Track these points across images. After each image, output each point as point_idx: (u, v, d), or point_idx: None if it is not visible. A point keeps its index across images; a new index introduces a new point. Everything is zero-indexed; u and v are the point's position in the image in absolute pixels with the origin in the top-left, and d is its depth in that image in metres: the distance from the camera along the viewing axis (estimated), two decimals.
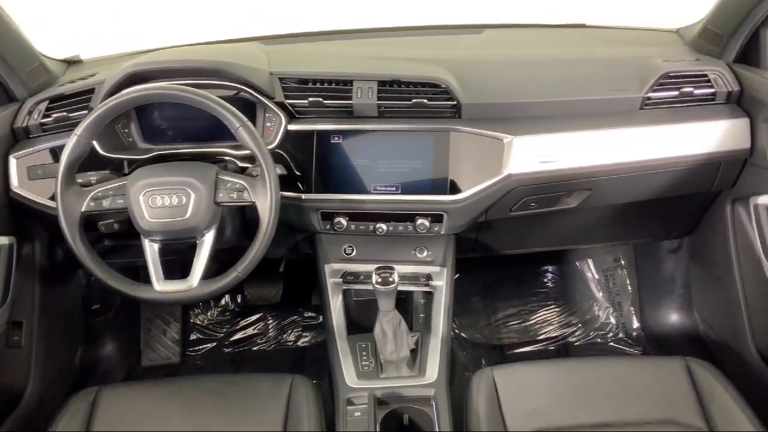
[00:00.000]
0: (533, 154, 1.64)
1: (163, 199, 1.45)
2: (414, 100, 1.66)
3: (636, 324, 2.54)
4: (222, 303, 2.70)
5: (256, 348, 2.59)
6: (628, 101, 1.72)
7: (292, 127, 1.67)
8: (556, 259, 2.73)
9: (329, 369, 1.80)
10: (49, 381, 1.95)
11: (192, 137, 1.72)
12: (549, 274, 2.74)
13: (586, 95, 1.72)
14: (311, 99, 1.67)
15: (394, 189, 1.67)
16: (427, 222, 1.70)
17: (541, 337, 2.56)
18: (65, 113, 1.71)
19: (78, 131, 1.44)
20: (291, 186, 1.68)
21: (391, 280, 1.60)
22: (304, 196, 1.68)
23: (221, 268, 1.52)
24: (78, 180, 1.51)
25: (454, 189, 1.65)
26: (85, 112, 1.68)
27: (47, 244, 1.94)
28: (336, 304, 1.84)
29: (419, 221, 1.70)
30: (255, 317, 2.66)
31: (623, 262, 2.64)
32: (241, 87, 1.65)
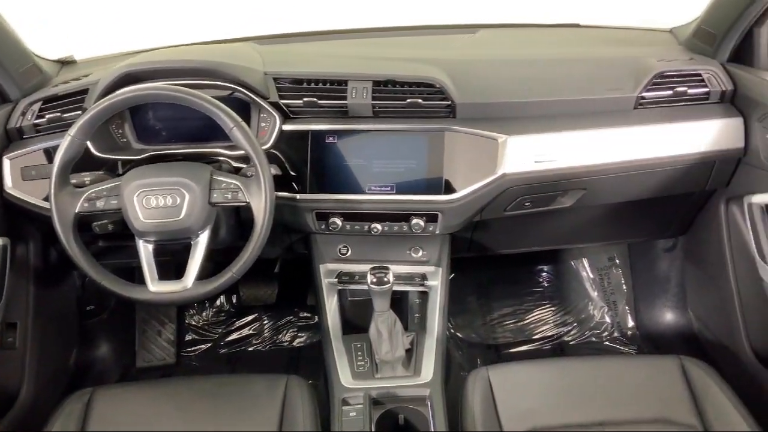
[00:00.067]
0: (528, 153, 1.64)
1: (158, 200, 1.44)
2: (409, 100, 1.66)
3: (631, 323, 2.55)
4: (217, 304, 2.69)
5: (251, 348, 2.59)
6: (622, 101, 1.73)
7: (286, 127, 1.67)
8: (551, 259, 2.73)
9: (324, 369, 1.80)
10: (44, 382, 1.94)
11: (186, 137, 1.71)
12: (544, 273, 2.74)
13: (580, 95, 1.72)
14: (306, 99, 1.67)
15: (388, 189, 1.67)
16: (422, 222, 1.70)
17: (537, 337, 2.57)
18: (59, 114, 1.71)
19: (72, 132, 1.43)
20: (286, 186, 1.68)
21: (386, 280, 1.60)
22: (298, 196, 1.68)
23: (216, 268, 1.51)
24: (72, 181, 1.50)
25: (448, 189, 1.65)
26: (79, 112, 1.68)
27: (41, 245, 1.94)
28: (331, 304, 1.84)
29: (414, 221, 1.70)
30: (250, 318, 2.66)
31: (618, 261, 2.64)
32: (236, 87, 1.65)
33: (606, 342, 2.53)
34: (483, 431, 1.49)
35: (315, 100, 1.66)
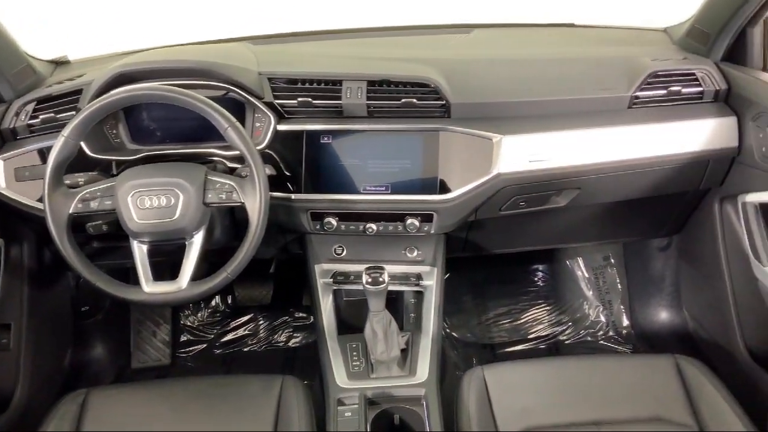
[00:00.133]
0: (522, 153, 1.64)
1: (152, 200, 1.44)
2: (403, 99, 1.66)
3: (626, 322, 2.55)
4: (212, 304, 2.69)
5: (246, 349, 2.58)
6: (616, 100, 1.73)
7: (281, 128, 1.67)
8: (546, 258, 2.73)
9: (320, 369, 1.80)
10: (38, 384, 1.93)
11: (181, 138, 1.71)
12: (539, 272, 2.74)
13: (574, 94, 1.73)
14: (300, 99, 1.66)
15: (383, 189, 1.67)
16: (417, 222, 1.70)
17: (532, 336, 2.57)
18: (53, 114, 1.70)
19: (65, 132, 1.43)
20: (280, 186, 1.67)
21: (382, 280, 1.60)
22: (293, 196, 1.68)
23: (211, 269, 1.51)
24: (66, 181, 1.50)
25: (443, 188, 1.65)
26: (73, 113, 1.67)
27: (35, 245, 1.93)
28: (326, 304, 1.84)
29: (409, 221, 1.70)
30: (245, 318, 2.65)
31: (613, 260, 2.65)
32: (230, 87, 1.65)
33: (601, 341, 2.53)
34: (478, 431, 1.49)
35: (310, 100, 1.66)
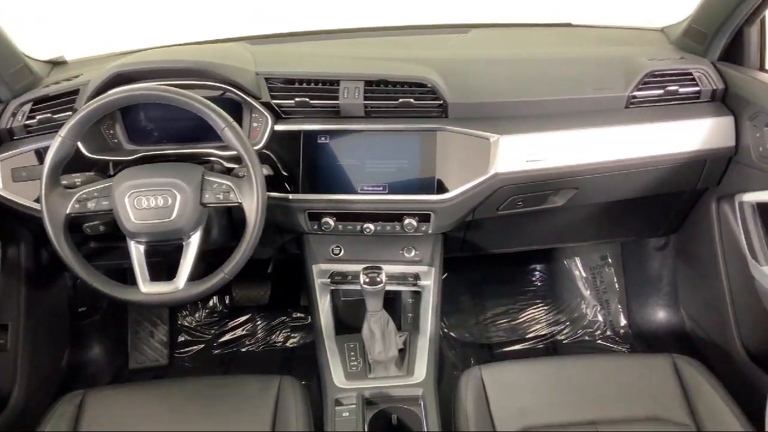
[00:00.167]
0: (520, 153, 1.64)
1: (149, 201, 1.44)
2: (400, 99, 1.66)
3: (623, 321, 2.56)
4: (210, 304, 2.68)
5: (244, 349, 2.58)
6: (613, 100, 1.73)
7: (278, 128, 1.67)
8: (543, 258, 2.73)
9: (318, 369, 1.80)
10: (36, 384, 1.93)
11: (178, 138, 1.70)
12: (537, 272, 2.74)
13: (572, 94, 1.73)
14: (298, 99, 1.66)
15: (381, 189, 1.67)
16: (415, 222, 1.70)
17: (530, 336, 2.57)
18: (49, 115, 1.70)
19: (62, 132, 1.43)
20: (278, 186, 1.67)
21: (379, 280, 1.60)
22: (291, 196, 1.68)
23: (208, 269, 1.51)
24: (63, 182, 1.50)
25: (441, 188, 1.65)
26: (70, 113, 1.67)
27: (32, 246, 1.93)
28: (324, 304, 1.83)
29: (407, 221, 1.70)
30: (243, 318, 2.65)
31: (610, 260, 2.65)
32: (227, 87, 1.64)
33: (599, 341, 2.53)
34: (476, 431, 1.49)
35: (307, 100, 1.66)
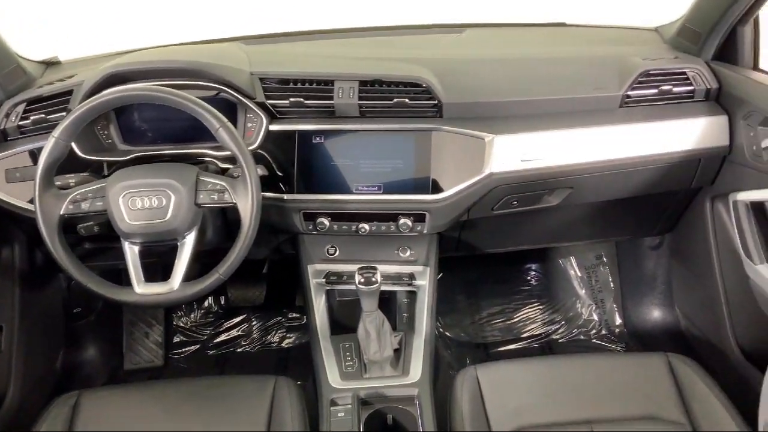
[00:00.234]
0: (514, 152, 1.65)
1: (143, 201, 1.44)
2: (395, 99, 1.66)
3: (618, 320, 2.56)
4: (205, 305, 2.68)
5: (240, 350, 2.58)
6: (607, 99, 1.73)
7: (273, 128, 1.67)
8: (538, 257, 2.74)
9: (313, 370, 1.79)
10: (30, 386, 1.93)
11: (172, 138, 1.70)
12: (532, 272, 2.75)
13: (566, 94, 1.73)
14: (292, 99, 1.66)
15: (376, 189, 1.67)
16: (410, 221, 1.70)
17: (525, 335, 2.57)
18: (43, 115, 1.69)
19: (56, 133, 1.42)
20: (273, 187, 1.67)
21: (374, 280, 1.60)
22: (286, 196, 1.68)
23: (203, 269, 1.51)
24: (57, 182, 1.49)
25: (436, 188, 1.65)
26: (64, 114, 1.66)
27: (27, 247, 1.92)
28: (319, 304, 1.83)
29: (402, 221, 1.70)
30: (239, 319, 2.65)
31: (605, 259, 2.65)
32: (222, 87, 1.64)
33: (594, 340, 2.54)
34: (471, 431, 1.49)
35: (302, 100, 1.66)
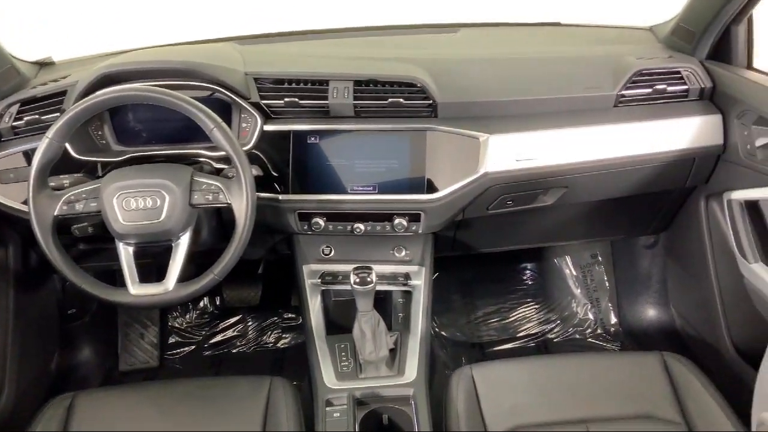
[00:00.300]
0: (509, 152, 1.65)
1: (137, 202, 1.43)
2: (390, 99, 1.66)
3: (614, 319, 2.56)
4: (200, 305, 2.67)
5: (235, 350, 2.57)
6: (602, 99, 1.74)
7: (268, 128, 1.67)
8: (534, 257, 2.74)
9: (308, 370, 1.79)
10: (25, 387, 1.92)
11: (166, 139, 1.70)
12: (527, 271, 2.75)
13: (561, 93, 1.73)
14: (287, 99, 1.66)
15: (371, 189, 1.67)
16: (405, 221, 1.70)
17: (521, 334, 2.57)
18: (37, 116, 1.68)
19: (50, 134, 1.42)
20: (268, 187, 1.67)
21: (369, 280, 1.59)
22: (281, 197, 1.68)
23: (198, 270, 1.51)
24: (51, 183, 1.49)
25: (431, 188, 1.65)
26: (58, 114, 1.66)
27: (21, 248, 1.91)
28: (315, 304, 1.83)
29: (397, 221, 1.70)
30: (234, 319, 2.64)
31: (600, 258, 2.65)
32: (216, 87, 1.64)
33: (589, 339, 2.54)
34: (467, 431, 1.49)
35: (296, 100, 1.66)
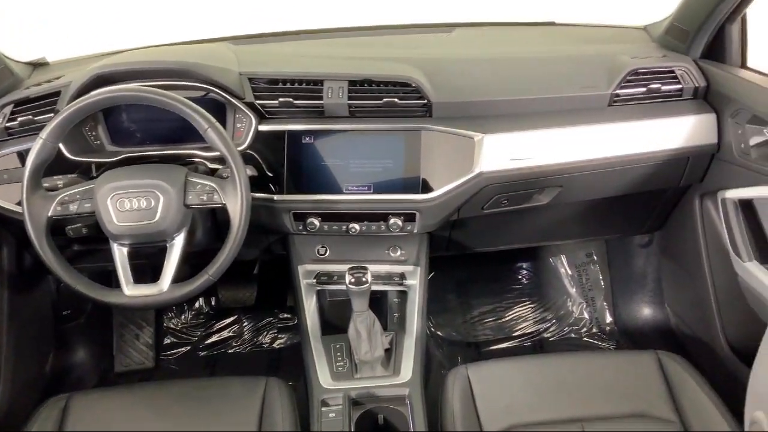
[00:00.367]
0: (504, 151, 1.65)
1: (132, 203, 1.43)
2: (385, 99, 1.66)
3: (609, 318, 2.57)
4: (196, 306, 2.67)
5: (231, 351, 2.57)
6: (596, 98, 1.74)
7: (262, 128, 1.66)
8: (529, 256, 2.74)
9: (304, 370, 1.79)
10: (19, 389, 1.91)
11: (161, 139, 1.69)
12: (523, 270, 2.75)
13: (555, 93, 1.73)
14: (281, 99, 1.66)
15: (366, 189, 1.67)
16: (400, 221, 1.70)
17: (517, 334, 2.58)
18: (31, 117, 1.68)
19: (43, 134, 1.42)
20: (262, 187, 1.67)
21: (365, 280, 1.59)
22: (275, 197, 1.67)
23: (193, 271, 1.50)
24: (44, 184, 1.48)
25: (425, 188, 1.65)
26: (51, 115, 1.65)
27: (15, 249, 1.91)
28: (310, 305, 1.83)
29: (392, 220, 1.70)
30: (229, 320, 2.64)
31: (595, 257, 2.66)
32: (210, 88, 1.64)
33: (584, 338, 2.54)
34: (462, 430, 1.49)
35: (291, 100, 1.66)
